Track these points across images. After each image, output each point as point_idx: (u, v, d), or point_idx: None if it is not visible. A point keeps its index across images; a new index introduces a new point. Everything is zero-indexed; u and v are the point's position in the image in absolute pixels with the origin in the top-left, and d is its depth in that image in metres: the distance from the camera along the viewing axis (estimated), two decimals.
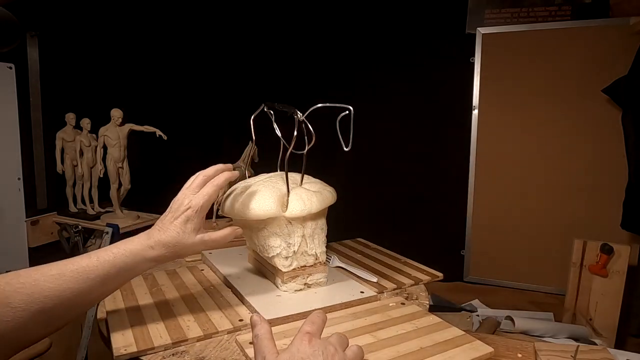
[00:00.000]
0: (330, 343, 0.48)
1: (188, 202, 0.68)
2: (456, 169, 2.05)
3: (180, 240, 0.66)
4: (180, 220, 0.67)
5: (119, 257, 0.63)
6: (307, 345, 0.46)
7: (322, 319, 0.52)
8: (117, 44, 2.06)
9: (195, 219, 0.67)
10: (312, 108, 0.80)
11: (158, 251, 0.65)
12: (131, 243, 0.65)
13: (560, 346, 1.17)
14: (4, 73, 1.63)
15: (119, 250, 0.63)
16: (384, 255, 1.09)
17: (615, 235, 1.67)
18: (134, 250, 0.64)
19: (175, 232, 0.66)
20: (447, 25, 1.99)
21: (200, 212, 0.68)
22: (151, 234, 0.67)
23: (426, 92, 2.07)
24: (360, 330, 0.69)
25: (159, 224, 0.68)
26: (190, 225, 0.67)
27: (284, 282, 0.80)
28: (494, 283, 2.03)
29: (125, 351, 0.63)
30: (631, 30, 1.67)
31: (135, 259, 0.64)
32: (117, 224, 1.65)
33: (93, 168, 1.79)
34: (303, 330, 0.49)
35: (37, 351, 1.20)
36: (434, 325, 0.72)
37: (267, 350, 0.48)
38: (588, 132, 1.80)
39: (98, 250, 0.64)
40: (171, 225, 0.67)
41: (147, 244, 0.65)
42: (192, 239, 0.67)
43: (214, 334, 0.69)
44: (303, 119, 0.79)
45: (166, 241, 0.65)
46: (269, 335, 0.50)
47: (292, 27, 2.19)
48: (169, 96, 2.24)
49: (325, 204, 0.82)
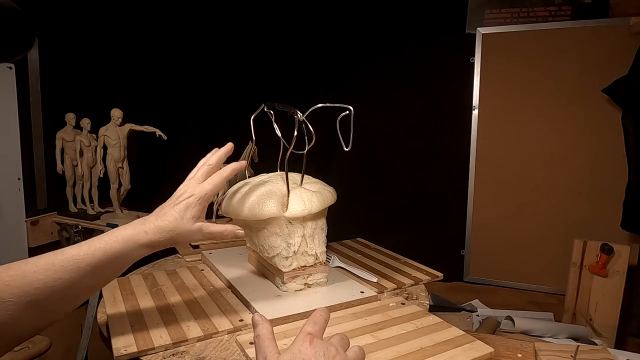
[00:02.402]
0: (331, 344, 0.48)
1: (192, 190, 0.67)
2: (456, 169, 2.05)
3: (178, 225, 0.65)
4: (181, 206, 0.66)
5: (111, 243, 0.61)
6: (309, 346, 0.46)
7: (324, 318, 0.52)
8: (117, 44, 2.06)
9: (196, 207, 0.66)
10: (312, 108, 0.80)
11: (152, 236, 0.63)
12: (124, 229, 0.63)
13: (560, 346, 1.17)
14: (4, 73, 1.63)
15: (111, 237, 0.62)
16: (384, 255, 1.09)
17: (615, 235, 1.67)
18: (126, 236, 0.62)
19: (173, 217, 0.65)
20: (447, 25, 1.99)
21: (202, 201, 0.67)
22: (147, 219, 0.65)
23: (426, 92, 2.07)
24: (361, 331, 0.69)
25: (157, 211, 0.67)
26: (190, 212, 0.66)
27: (284, 282, 0.80)
28: (494, 283, 2.03)
29: (125, 351, 0.62)
30: (631, 30, 1.67)
31: (127, 244, 0.62)
32: (117, 224, 1.65)
33: (93, 168, 1.79)
34: (305, 331, 0.48)
35: (37, 351, 1.20)
36: (434, 325, 0.72)
37: (268, 350, 0.48)
38: (588, 132, 1.80)
39: (90, 239, 0.62)
40: (170, 211, 0.65)
41: (140, 229, 0.63)
42: (190, 225, 0.65)
43: (214, 334, 0.69)
44: (303, 119, 0.79)
45: (162, 226, 0.64)
46: (270, 336, 0.50)
47: (292, 26, 2.19)
48: (169, 96, 2.24)
49: (325, 204, 0.82)
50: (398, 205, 2.18)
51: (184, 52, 2.24)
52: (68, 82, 1.86)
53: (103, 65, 2.01)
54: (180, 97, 2.27)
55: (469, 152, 2.02)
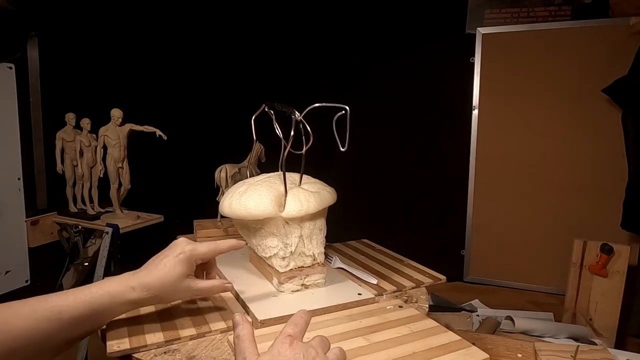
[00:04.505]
0: (311, 346, 0.47)
1: (183, 247, 0.67)
2: (456, 169, 2.05)
3: (166, 281, 0.64)
4: (172, 261, 0.65)
5: (97, 297, 0.60)
6: (288, 348, 0.46)
7: (305, 320, 0.51)
8: (117, 44, 2.07)
9: (186, 264, 0.66)
10: (309, 108, 0.80)
11: (139, 293, 0.63)
12: (112, 283, 0.63)
13: (560, 346, 1.17)
14: (4, 73, 1.64)
15: (98, 290, 0.61)
16: (388, 257, 1.08)
17: (615, 235, 1.67)
18: (112, 292, 0.61)
19: (163, 273, 0.64)
20: (447, 25, 1.99)
21: (193, 257, 0.67)
22: (137, 274, 0.65)
23: (426, 92, 2.07)
24: (354, 333, 0.68)
25: (148, 264, 0.67)
26: (180, 269, 0.65)
27: (280, 282, 0.80)
28: (494, 283, 2.03)
29: (118, 348, 0.63)
30: (631, 30, 1.67)
31: (113, 300, 0.61)
32: (117, 224, 1.66)
33: (93, 168, 1.79)
34: (285, 333, 0.48)
35: None
36: (430, 330, 0.70)
37: (248, 351, 0.47)
38: (588, 132, 1.80)
39: (77, 289, 0.61)
40: (160, 264, 0.65)
41: (128, 285, 0.63)
42: (179, 283, 0.65)
43: (207, 333, 0.69)
44: (300, 118, 0.79)
45: (149, 282, 0.63)
46: (250, 337, 0.49)
47: (292, 26, 2.19)
48: (169, 96, 2.24)
49: (323, 205, 0.81)
50: (398, 205, 2.18)
51: (184, 52, 2.24)
52: (68, 82, 1.86)
53: (103, 65, 2.01)
54: (180, 97, 2.27)
55: (469, 152, 2.02)
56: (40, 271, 1.78)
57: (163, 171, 2.18)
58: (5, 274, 1.66)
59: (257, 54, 2.25)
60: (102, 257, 1.61)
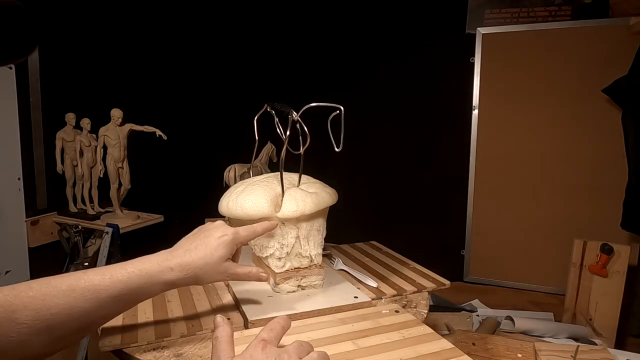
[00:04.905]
0: (285, 351, 0.47)
1: (225, 229, 0.66)
2: (456, 169, 2.05)
3: (208, 262, 0.63)
4: (213, 244, 0.64)
5: (133, 277, 0.58)
6: (261, 351, 0.46)
7: (282, 325, 0.51)
8: (117, 44, 2.07)
9: (229, 246, 0.65)
10: (305, 107, 0.80)
11: (177, 273, 0.61)
12: (148, 262, 0.61)
13: (560, 346, 1.17)
14: (4, 73, 1.64)
15: (134, 269, 0.59)
16: (393, 260, 1.05)
17: (615, 235, 1.66)
18: (150, 271, 0.60)
19: (204, 253, 0.63)
20: (447, 25, 1.99)
21: (235, 240, 0.66)
22: (174, 253, 0.63)
23: (426, 92, 2.07)
24: (343, 337, 0.67)
25: (185, 244, 0.64)
26: (221, 251, 0.64)
27: (277, 283, 0.80)
28: (494, 283, 2.03)
29: (110, 343, 0.64)
30: (631, 30, 1.67)
31: (150, 280, 0.60)
32: (117, 224, 1.66)
33: (93, 168, 1.79)
34: (259, 337, 0.48)
35: None
36: (423, 336, 0.68)
37: (223, 353, 0.47)
38: (588, 132, 1.80)
39: (113, 266, 0.59)
40: (201, 245, 0.64)
41: (166, 265, 0.61)
42: (219, 265, 0.64)
43: (198, 331, 0.69)
44: (297, 118, 0.79)
45: (189, 262, 0.62)
46: (228, 339, 0.49)
47: (292, 26, 2.19)
48: (169, 96, 2.24)
49: (320, 206, 0.80)
50: (398, 205, 2.18)
51: (184, 52, 2.25)
52: (68, 82, 1.87)
53: (103, 65, 2.01)
54: (181, 97, 2.28)
55: (469, 152, 2.01)
56: (40, 271, 1.78)
57: (163, 171, 2.19)
58: (5, 274, 1.66)
59: (257, 54, 2.26)
60: (102, 257, 1.62)
